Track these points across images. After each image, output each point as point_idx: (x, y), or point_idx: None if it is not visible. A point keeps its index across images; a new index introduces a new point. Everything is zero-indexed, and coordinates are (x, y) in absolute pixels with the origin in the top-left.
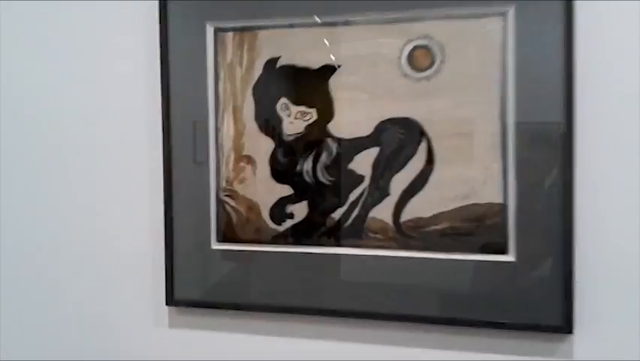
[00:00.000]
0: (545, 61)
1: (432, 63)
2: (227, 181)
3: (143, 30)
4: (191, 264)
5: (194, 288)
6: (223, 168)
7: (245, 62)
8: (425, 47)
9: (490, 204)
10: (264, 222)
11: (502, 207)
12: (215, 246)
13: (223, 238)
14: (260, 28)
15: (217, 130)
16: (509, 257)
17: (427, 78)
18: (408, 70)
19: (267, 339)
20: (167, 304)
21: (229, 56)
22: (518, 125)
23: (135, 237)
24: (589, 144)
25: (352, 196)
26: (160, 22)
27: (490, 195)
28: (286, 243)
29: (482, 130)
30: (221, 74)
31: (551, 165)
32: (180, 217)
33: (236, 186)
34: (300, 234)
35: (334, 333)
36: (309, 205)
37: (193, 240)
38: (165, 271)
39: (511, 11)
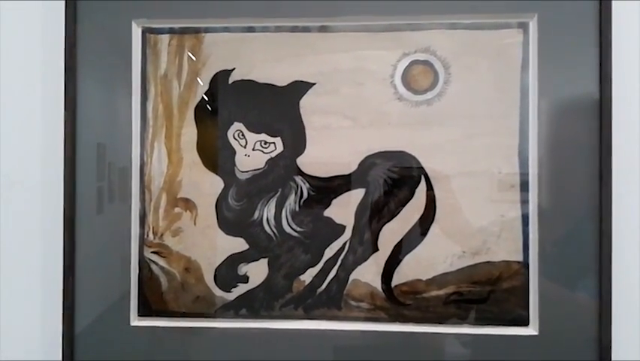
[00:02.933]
0: (576, 83)
1: (434, 83)
2: (155, 233)
3: (43, 30)
4: (101, 347)
5: None
6: (150, 216)
7: (185, 75)
8: (425, 63)
9: (507, 263)
10: (207, 288)
11: (522, 267)
12: (137, 322)
13: (148, 310)
14: (207, 30)
15: (142, 164)
16: (531, 330)
17: (428, 102)
18: (403, 91)
19: None
20: None
21: (163, 66)
22: (542, 163)
23: (23, 305)
24: (628, 189)
25: (329, 252)
26: (66, 19)
27: (507, 251)
28: (237, 316)
29: (497, 169)
30: (152, 90)
31: (584, 213)
32: (86, 282)
33: (169, 240)
34: (257, 304)
35: None
36: (270, 265)
37: (105, 314)
38: (62, 356)
39: (533, 22)
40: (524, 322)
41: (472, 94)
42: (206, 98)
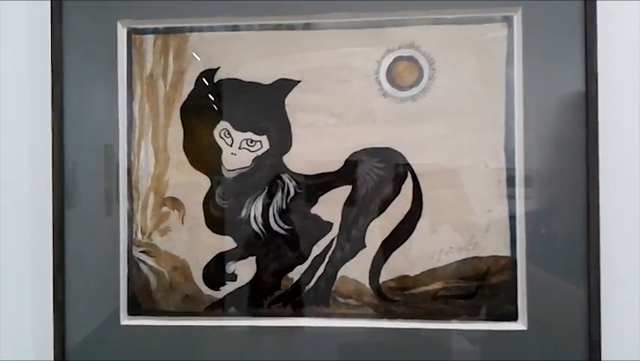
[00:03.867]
0: (561, 77)
1: (419, 79)
2: (143, 232)
3: (30, 31)
4: (92, 346)
5: None
6: (138, 215)
7: (170, 75)
8: (410, 59)
9: (495, 258)
10: (196, 286)
11: (510, 262)
12: (127, 321)
13: (137, 309)
14: (192, 30)
15: (130, 164)
16: (520, 325)
17: (413, 98)
18: (388, 87)
19: None
20: None
21: (149, 66)
22: (528, 157)
23: (14, 307)
24: (616, 183)
25: (317, 250)
26: (52, 21)
27: (495, 246)
28: (226, 314)
29: (483, 164)
30: (137, 90)
31: (572, 207)
32: (76, 283)
33: (157, 239)
34: (246, 301)
35: None
36: (258, 263)
37: (95, 313)
38: (54, 355)
39: (517, 16)
40: (513, 317)
41: (457, 89)
42: (193, 98)
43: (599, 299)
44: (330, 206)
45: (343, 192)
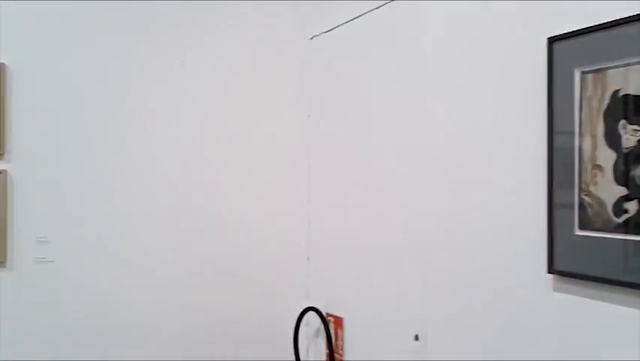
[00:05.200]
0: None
1: None
2: (585, 183)
3: (539, 76)
4: (563, 243)
5: (565, 262)
6: (583, 175)
7: (598, 95)
8: None
9: None
10: (608, 215)
11: None
12: (578, 232)
13: (582, 226)
14: (608, 68)
15: (580, 147)
16: None
17: None
18: None
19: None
20: (548, 272)
21: (589, 91)
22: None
23: (529, 226)
24: None
25: None
26: (548, 70)
27: None
28: (624, 232)
29: None
30: (584, 106)
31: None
32: (557, 209)
33: (592, 188)
34: (634, 225)
35: None
36: (639, 203)
37: (564, 226)
38: (547, 246)
39: None
40: None
41: None
42: (608, 107)
43: None
44: None
45: None
